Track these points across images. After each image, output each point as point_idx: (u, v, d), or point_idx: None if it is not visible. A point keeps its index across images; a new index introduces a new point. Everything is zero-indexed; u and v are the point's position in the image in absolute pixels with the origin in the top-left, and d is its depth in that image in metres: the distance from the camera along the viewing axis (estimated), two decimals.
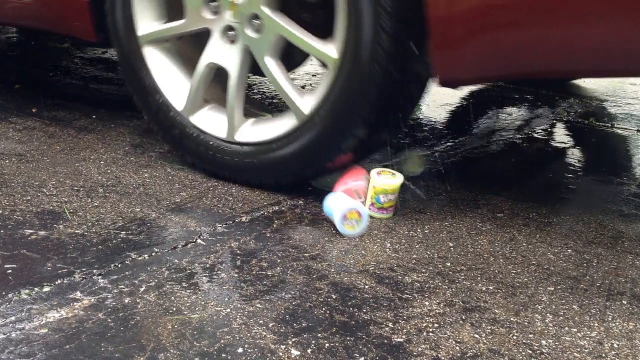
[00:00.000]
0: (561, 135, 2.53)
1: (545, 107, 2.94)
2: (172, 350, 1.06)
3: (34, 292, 1.22)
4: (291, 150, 1.66)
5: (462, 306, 1.23)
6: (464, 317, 1.20)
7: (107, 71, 3.34)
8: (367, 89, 1.51)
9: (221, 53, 1.72)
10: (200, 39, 1.82)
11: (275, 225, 1.56)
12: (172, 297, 1.22)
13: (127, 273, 1.30)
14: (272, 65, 1.65)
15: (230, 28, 1.69)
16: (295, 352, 1.07)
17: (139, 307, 1.18)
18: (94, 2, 1.93)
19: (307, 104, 1.62)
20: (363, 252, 1.44)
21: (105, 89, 2.96)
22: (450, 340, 1.12)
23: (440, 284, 1.32)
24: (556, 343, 1.13)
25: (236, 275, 1.31)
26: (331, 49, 1.55)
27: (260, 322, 1.15)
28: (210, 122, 1.80)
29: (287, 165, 1.68)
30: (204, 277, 1.30)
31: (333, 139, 1.60)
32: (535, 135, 2.47)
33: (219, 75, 1.79)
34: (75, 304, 1.19)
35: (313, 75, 3.37)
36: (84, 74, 3.22)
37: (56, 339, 1.08)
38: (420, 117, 2.69)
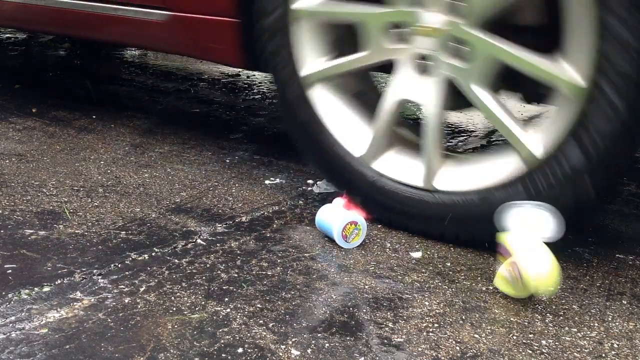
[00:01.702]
0: None
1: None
2: (172, 350, 1.06)
3: (34, 292, 1.22)
4: (509, 200, 1.34)
5: (462, 306, 1.23)
6: (464, 317, 1.20)
7: (106, 71, 3.34)
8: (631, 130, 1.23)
9: (411, 86, 1.47)
10: (365, 74, 1.69)
11: (275, 225, 1.56)
12: (172, 297, 1.22)
13: (127, 273, 1.30)
14: (485, 96, 1.38)
15: (422, 57, 1.44)
16: (295, 352, 1.07)
17: (139, 307, 1.18)
18: (242, 24, 1.72)
19: (535, 142, 1.33)
20: (363, 252, 1.44)
21: (105, 88, 2.96)
22: (450, 340, 1.12)
23: (440, 284, 1.32)
24: (556, 343, 1.13)
25: (236, 275, 1.31)
26: (570, 72, 1.26)
27: (260, 322, 1.15)
28: (398, 167, 1.53)
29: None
30: (204, 277, 1.30)
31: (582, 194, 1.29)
32: None
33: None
34: (75, 304, 1.19)
35: None
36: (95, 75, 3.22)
37: (56, 339, 1.08)
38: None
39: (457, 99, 1.44)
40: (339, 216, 1.45)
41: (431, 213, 1.47)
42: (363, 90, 1.67)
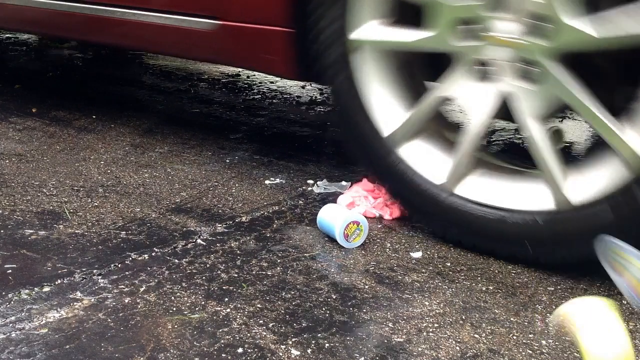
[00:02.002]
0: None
1: None
2: (172, 350, 1.06)
3: (34, 292, 1.22)
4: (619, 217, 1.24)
5: (462, 306, 1.23)
6: (464, 317, 1.20)
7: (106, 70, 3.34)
8: None
9: (462, 90, 1.40)
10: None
11: (275, 225, 1.56)
12: (172, 297, 1.22)
13: (127, 273, 1.30)
14: (534, 127, 1.33)
15: (482, 63, 1.36)
16: (295, 352, 1.07)
17: (139, 307, 1.18)
18: (295, 34, 1.63)
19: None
20: (363, 252, 1.44)
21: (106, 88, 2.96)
22: (450, 340, 1.12)
23: (440, 284, 1.32)
24: (556, 343, 1.13)
25: (236, 275, 1.31)
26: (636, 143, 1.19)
27: (260, 322, 1.15)
28: (483, 190, 1.43)
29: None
30: (204, 277, 1.30)
31: None
32: None
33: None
34: (75, 304, 1.19)
35: None
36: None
37: (56, 339, 1.08)
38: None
39: (508, 111, 1.37)
40: (341, 215, 1.45)
41: (522, 235, 1.37)
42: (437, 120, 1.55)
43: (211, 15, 1.76)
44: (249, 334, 1.11)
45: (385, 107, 1.51)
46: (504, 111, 1.37)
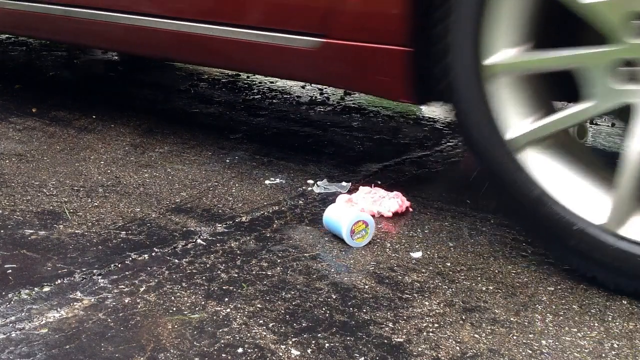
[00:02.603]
0: None
1: None
2: (172, 350, 1.06)
3: (34, 292, 1.22)
4: None
5: (462, 306, 1.23)
6: (464, 317, 1.20)
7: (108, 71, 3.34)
8: None
9: None
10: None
11: (275, 225, 1.56)
12: (172, 297, 1.22)
13: (127, 273, 1.30)
14: None
15: None
16: (295, 352, 1.07)
17: (139, 307, 1.18)
18: (414, 54, 1.48)
19: None
20: (363, 252, 1.44)
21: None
22: (450, 340, 1.12)
23: (440, 284, 1.32)
24: (556, 343, 1.13)
25: (236, 275, 1.32)
26: None
27: (260, 322, 1.15)
28: None
29: None
30: (204, 277, 1.30)
31: None
32: None
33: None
34: (75, 304, 1.19)
35: None
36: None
37: (56, 339, 1.08)
38: (420, 117, 2.69)
39: None
40: (353, 211, 1.47)
41: None
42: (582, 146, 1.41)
43: (314, 32, 1.61)
44: (249, 334, 1.11)
45: (523, 131, 1.37)
46: None
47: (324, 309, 1.20)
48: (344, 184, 1.80)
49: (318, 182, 1.81)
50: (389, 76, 1.54)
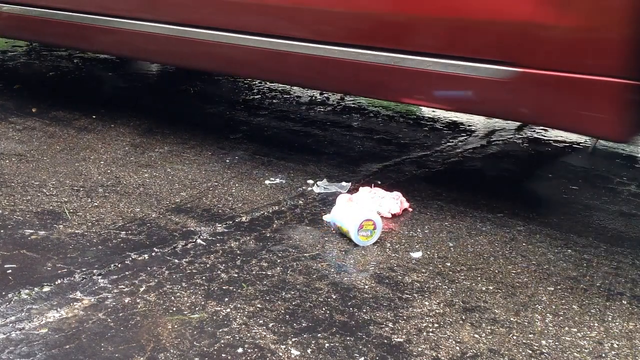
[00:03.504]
0: (561, 135, 2.53)
1: None
2: (172, 350, 1.06)
3: (34, 292, 1.22)
4: None
5: (462, 306, 1.23)
6: (464, 317, 1.20)
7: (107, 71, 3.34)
8: None
9: None
10: None
11: (275, 225, 1.56)
12: (172, 297, 1.22)
13: (127, 273, 1.30)
14: None
15: None
16: (295, 352, 1.07)
17: (139, 307, 1.18)
18: (633, 87, 1.27)
19: None
20: (363, 252, 1.44)
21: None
22: (450, 340, 1.12)
23: (440, 284, 1.32)
24: (556, 343, 1.13)
25: (236, 275, 1.31)
26: None
27: (260, 322, 1.15)
28: None
29: None
30: (204, 277, 1.30)
31: None
32: (535, 135, 2.47)
33: None
34: (75, 304, 1.19)
35: None
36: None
37: (56, 339, 1.08)
38: (421, 117, 2.69)
39: None
40: (365, 209, 1.50)
41: None
42: None
43: (505, 60, 1.40)
44: (249, 334, 1.11)
45: None
46: None
47: (324, 309, 1.20)
48: (344, 184, 1.80)
49: (318, 182, 1.81)
50: (605, 112, 1.33)
